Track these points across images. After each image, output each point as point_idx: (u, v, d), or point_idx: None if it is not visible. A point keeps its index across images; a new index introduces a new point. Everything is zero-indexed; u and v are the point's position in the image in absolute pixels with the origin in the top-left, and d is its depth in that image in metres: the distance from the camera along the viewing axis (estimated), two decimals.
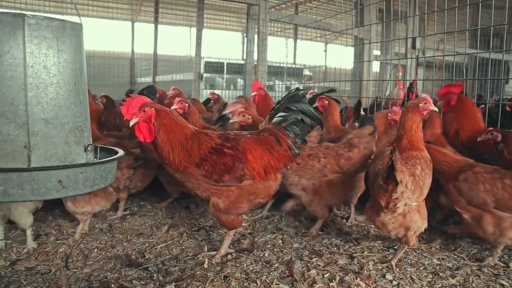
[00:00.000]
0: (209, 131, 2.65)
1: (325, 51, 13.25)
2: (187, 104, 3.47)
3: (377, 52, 8.57)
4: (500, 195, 2.47)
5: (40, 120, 1.64)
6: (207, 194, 2.42)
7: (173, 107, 3.29)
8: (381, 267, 2.45)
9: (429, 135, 3.24)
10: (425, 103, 2.65)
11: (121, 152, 2.05)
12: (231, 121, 3.40)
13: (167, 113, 2.33)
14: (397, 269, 2.43)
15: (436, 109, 2.81)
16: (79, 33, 1.81)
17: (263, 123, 2.70)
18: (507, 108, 5.39)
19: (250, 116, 3.32)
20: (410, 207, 2.36)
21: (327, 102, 3.82)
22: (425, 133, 2.98)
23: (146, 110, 2.23)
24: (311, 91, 5.51)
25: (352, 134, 3.23)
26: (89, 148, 1.83)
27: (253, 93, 4.62)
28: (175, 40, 14.41)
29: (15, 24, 1.58)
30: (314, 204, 2.96)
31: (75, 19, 1.91)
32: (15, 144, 1.61)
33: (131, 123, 2.22)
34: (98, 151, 1.94)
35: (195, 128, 2.52)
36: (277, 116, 2.59)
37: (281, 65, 9.95)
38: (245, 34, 10.05)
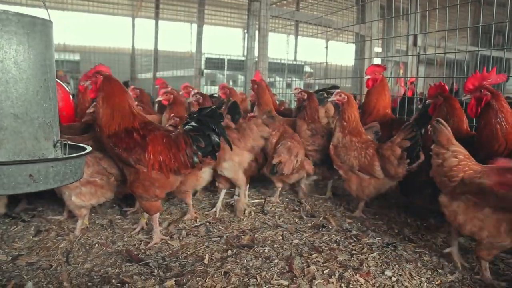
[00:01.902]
0: (149, 120, 2.92)
1: (326, 47, 13.24)
2: (172, 96, 3.85)
3: (378, 49, 8.57)
4: (362, 161, 3.26)
5: (10, 115, 1.64)
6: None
7: (157, 99, 3.90)
8: (380, 264, 2.47)
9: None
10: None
11: (89, 148, 2.06)
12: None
13: (110, 81, 2.77)
14: (397, 266, 2.45)
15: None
16: (49, 30, 1.80)
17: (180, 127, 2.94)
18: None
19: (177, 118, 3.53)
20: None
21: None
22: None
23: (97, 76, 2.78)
24: (296, 87, 5.57)
25: None
26: (58, 144, 1.84)
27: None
28: (176, 36, 14.40)
29: None
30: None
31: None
32: None
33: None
34: (67, 147, 1.94)
35: (140, 113, 2.84)
36: (189, 124, 2.79)
37: (282, 61, 9.94)
38: (246, 30, 10.03)
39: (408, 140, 3.07)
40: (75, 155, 1.82)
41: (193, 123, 2.77)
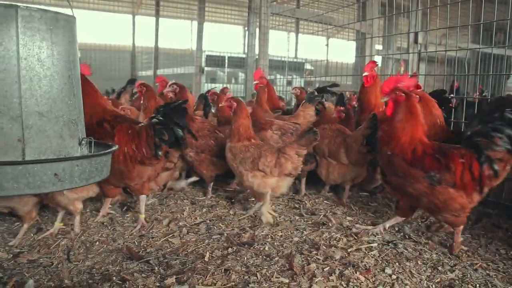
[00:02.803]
0: (122, 114, 3.22)
1: (327, 45, 13.21)
2: (144, 88, 3.85)
3: (379, 47, 8.55)
4: (331, 147, 3.65)
5: (34, 113, 1.62)
6: None
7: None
8: (380, 261, 2.47)
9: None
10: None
11: (115, 146, 2.05)
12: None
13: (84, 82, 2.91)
14: (397, 263, 2.45)
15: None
16: (72, 26, 1.77)
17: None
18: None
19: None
20: None
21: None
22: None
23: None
24: (295, 86, 5.60)
25: None
26: (83, 142, 1.82)
27: (255, 82, 4.64)
28: (176, 33, 14.39)
29: (8, 16, 1.55)
30: None
31: (69, 11, 1.89)
32: (9, 138, 1.58)
33: None
34: (92, 144, 1.92)
35: (114, 108, 3.13)
36: (155, 117, 2.92)
37: (283, 59, 9.92)
38: (246, 28, 10.00)
39: (369, 128, 3.34)
40: (99, 153, 1.81)
41: (159, 117, 2.90)
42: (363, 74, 3.94)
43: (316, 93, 4.20)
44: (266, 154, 3.15)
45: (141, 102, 3.76)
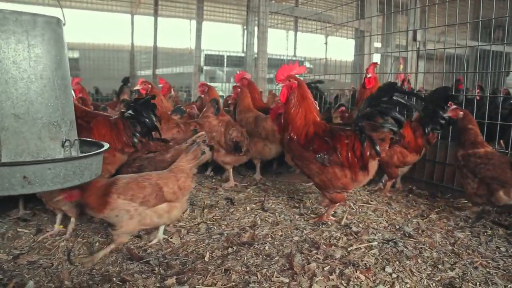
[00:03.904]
0: (88, 109, 3.50)
1: (326, 43, 13.19)
2: (150, 86, 4.21)
3: (378, 45, 8.52)
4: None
5: (10, 115, 1.61)
6: None
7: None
8: (380, 260, 2.47)
9: None
10: None
11: (106, 146, 2.03)
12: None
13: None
14: (397, 262, 2.45)
15: None
16: (54, 27, 1.75)
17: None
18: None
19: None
20: None
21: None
22: None
23: None
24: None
25: None
26: (66, 144, 1.78)
27: (235, 84, 4.79)
28: (175, 32, 14.36)
29: None
30: None
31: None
32: None
33: None
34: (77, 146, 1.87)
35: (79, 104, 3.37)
36: (128, 111, 3.22)
37: (282, 57, 9.90)
38: (245, 27, 9.99)
39: None
40: (74, 156, 1.78)
41: (130, 111, 3.20)
42: (367, 76, 3.92)
43: None
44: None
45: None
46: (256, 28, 7.12)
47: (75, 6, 13.59)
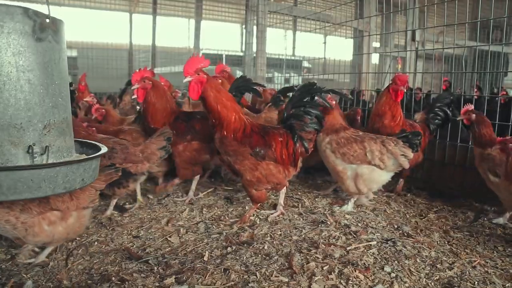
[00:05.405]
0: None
1: (324, 43, 13.17)
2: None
3: (376, 44, 8.52)
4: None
5: None
6: None
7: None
8: (379, 259, 2.48)
9: None
10: None
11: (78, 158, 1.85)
12: None
13: None
14: (396, 261, 2.46)
15: None
16: (19, 18, 1.59)
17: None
18: (501, 101, 5.42)
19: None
20: None
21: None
22: None
23: None
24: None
25: None
26: (31, 150, 1.60)
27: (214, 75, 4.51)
28: (173, 31, 14.31)
29: None
30: None
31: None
32: None
33: None
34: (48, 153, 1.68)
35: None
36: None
37: (280, 57, 9.91)
38: (244, 26, 9.98)
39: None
40: (21, 165, 1.57)
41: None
42: (400, 88, 3.63)
43: (282, 98, 4.04)
44: None
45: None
46: (255, 27, 7.11)
47: (73, 5, 13.53)
